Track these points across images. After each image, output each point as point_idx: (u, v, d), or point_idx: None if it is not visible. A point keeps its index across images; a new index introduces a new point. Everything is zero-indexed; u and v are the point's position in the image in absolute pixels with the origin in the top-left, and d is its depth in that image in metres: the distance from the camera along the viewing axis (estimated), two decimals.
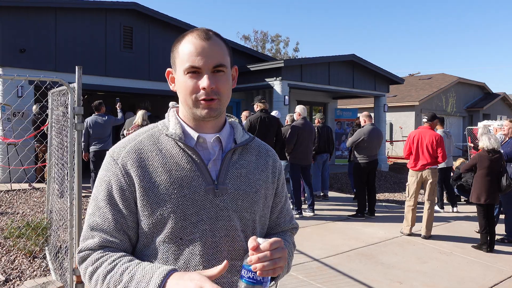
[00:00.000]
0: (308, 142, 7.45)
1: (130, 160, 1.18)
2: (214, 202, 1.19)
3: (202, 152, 1.23)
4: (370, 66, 14.38)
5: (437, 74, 27.22)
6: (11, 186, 9.17)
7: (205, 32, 1.19)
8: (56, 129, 4.70)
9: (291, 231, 1.46)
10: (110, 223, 1.16)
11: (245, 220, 1.23)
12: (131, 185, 1.16)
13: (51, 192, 5.15)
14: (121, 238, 1.17)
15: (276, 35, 39.63)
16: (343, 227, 6.81)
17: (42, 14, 10.58)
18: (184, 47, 1.18)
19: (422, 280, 4.63)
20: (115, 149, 1.23)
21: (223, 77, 1.19)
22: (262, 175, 1.31)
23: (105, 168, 1.21)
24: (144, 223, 1.16)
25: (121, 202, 1.16)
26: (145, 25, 12.29)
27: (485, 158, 5.83)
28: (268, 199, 1.33)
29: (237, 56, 14.05)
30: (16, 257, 4.84)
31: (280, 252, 1.08)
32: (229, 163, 1.25)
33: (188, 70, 1.16)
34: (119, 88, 11.89)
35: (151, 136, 1.24)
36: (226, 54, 1.21)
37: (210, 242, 1.17)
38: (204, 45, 1.17)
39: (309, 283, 4.39)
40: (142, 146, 1.21)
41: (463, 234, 6.60)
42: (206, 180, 1.19)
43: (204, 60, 1.16)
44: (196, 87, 1.17)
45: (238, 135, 1.30)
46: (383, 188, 11.52)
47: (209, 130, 1.25)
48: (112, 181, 1.18)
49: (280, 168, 1.41)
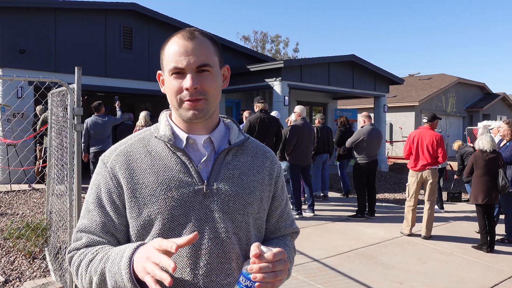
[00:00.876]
0: (308, 142, 7.44)
1: (118, 163, 1.18)
2: (204, 203, 1.17)
3: (192, 153, 1.21)
4: (370, 67, 14.38)
5: (437, 75, 27.21)
6: (10, 187, 9.16)
7: (189, 32, 1.18)
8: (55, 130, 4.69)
9: (291, 236, 1.43)
10: (97, 225, 1.17)
11: (238, 222, 1.20)
12: (119, 188, 1.17)
13: (50, 193, 5.14)
14: (108, 239, 1.17)
15: (276, 35, 39.63)
16: (343, 228, 6.81)
17: (42, 15, 10.58)
18: (170, 48, 1.17)
19: (422, 280, 4.62)
20: (106, 153, 1.24)
21: (209, 77, 1.16)
22: (257, 177, 1.28)
23: (96, 172, 1.23)
24: (133, 225, 1.16)
25: (109, 205, 1.17)
26: (144, 26, 12.29)
27: (479, 158, 5.85)
28: (264, 201, 1.29)
29: (237, 57, 14.06)
30: (15, 258, 4.84)
31: (282, 264, 1.06)
32: (222, 164, 1.22)
33: (172, 71, 1.15)
34: (119, 88, 11.89)
35: (142, 139, 1.24)
36: (213, 54, 1.19)
37: (199, 244, 1.14)
38: (188, 45, 1.15)
39: (309, 283, 4.38)
40: (131, 149, 1.21)
41: (463, 235, 6.60)
42: (195, 181, 1.17)
43: (187, 60, 1.14)
44: (180, 87, 1.15)
45: (233, 136, 1.28)
46: (383, 188, 11.52)
47: (200, 131, 1.23)
48: (101, 185, 1.19)
49: (278, 171, 1.37)
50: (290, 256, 1.35)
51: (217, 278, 1.15)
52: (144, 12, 12.06)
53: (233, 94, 14.14)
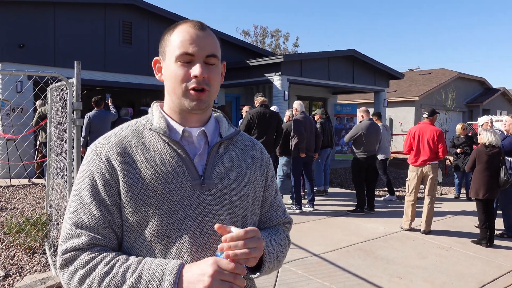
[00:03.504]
0: (310, 135, 7.45)
1: (114, 154, 1.14)
2: (201, 198, 1.15)
3: (187, 146, 1.20)
4: (370, 61, 14.35)
5: (437, 69, 27.15)
6: (10, 182, 9.17)
7: (200, 23, 1.19)
8: (55, 124, 4.69)
9: (284, 225, 1.41)
10: (98, 220, 1.09)
11: (235, 215, 1.20)
12: (115, 179, 1.12)
13: (50, 188, 5.14)
14: (109, 236, 1.11)
15: (275, 30, 39.47)
16: (342, 223, 6.82)
17: (41, 9, 10.53)
18: (177, 36, 1.16)
19: (422, 275, 4.63)
20: (97, 143, 1.18)
21: (215, 69, 1.18)
22: (250, 169, 1.28)
23: (87, 163, 1.16)
24: (129, 220, 1.11)
25: (107, 197, 1.11)
26: (144, 20, 12.25)
27: (483, 153, 5.84)
28: (257, 193, 1.30)
29: (236, 51, 14.01)
30: (15, 253, 4.84)
31: (255, 242, 1.06)
32: (216, 157, 1.22)
33: (181, 57, 1.14)
34: (118, 83, 11.87)
35: (134, 131, 1.20)
36: (218, 48, 1.20)
37: (198, 239, 1.13)
38: (199, 34, 1.15)
39: (309, 278, 4.39)
40: (126, 141, 1.17)
41: (463, 229, 6.61)
42: (192, 175, 1.16)
43: (198, 48, 1.14)
44: (187, 75, 1.14)
45: (223, 129, 1.28)
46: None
47: (194, 124, 1.22)
48: (96, 176, 1.12)
49: (268, 161, 1.38)
50: (283, 245, 1.34)
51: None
52: (143, 6, 12.00)
53: (233, 88, 14.12)
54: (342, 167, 13.48)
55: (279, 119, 7.47)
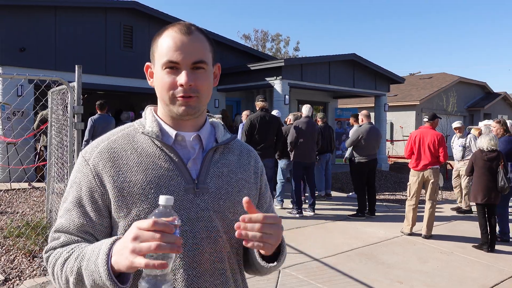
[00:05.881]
0: (310, 140, 7.42)
1: (102, 161, 1.13)
2: (195, 202, 1.13)
3: (181, 150, 1.18)
4: (371, 66, 14.35)
5: (438, 74, 27.18)
6: (10, 186, 9.16)
7: (186, 27, 1.14)
8: (55, 128, 4.69)
9: None
10: (75, 225, 1.11)
11: (228, 221, 1.17)
12: (102, 187, 1.11)
13: (50, 192, 5.14)
14: (86, 238, 1.11)
15: (276, 34, 39.58)
16: (343, 227, 6.80)
17: (42, 13, 10.57)
18: (164, 41, 1.13)
19: (423, 280, 4.61)
20: (87, 149, 1.18)
21: (203, 75, 1.14)
22: (244, 175, 1.27)
23: (75, 170, 1.16)
24: (121, 225, 1.10)
25: (89, 205, 1.11)
26: (145, 24, 12.28)
27: (479, 157, 5.84)
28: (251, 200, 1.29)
29: (237, 55, 14.04)
30: (15, 257, 4.83)
31: (273, 228, 1.02)
32: (210, 162, 1.20)
33: (166, 65, 1.11)
34: (119, 87, 11.89)
35: (126, 135, 1.18)
36: (208, 51, 1.16)
37: (191, 244, 1.11)
38: (184, 40, 1.11)
39: (309, 282, 4.38)
40: (115, 145, 1.15)
41: (464, 234, 6.59)
42: (185, 179, 1.14)
43: (183, 55, 1.10)
44: (173, 83, 1.11)
45: (219, 134, 1.26)
46: (383, 187, 11.50)
47: (188, 129, 1.20)
48: (82, 183, 1.13)
49: (262, 169, 1.36)
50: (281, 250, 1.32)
51: (211, 278, 1.13)
52: (144, 10, 12.04)
53: (234, 93, 14.12)
54: (342, 172, 13.46)
55: (280, 123, 7.46)
